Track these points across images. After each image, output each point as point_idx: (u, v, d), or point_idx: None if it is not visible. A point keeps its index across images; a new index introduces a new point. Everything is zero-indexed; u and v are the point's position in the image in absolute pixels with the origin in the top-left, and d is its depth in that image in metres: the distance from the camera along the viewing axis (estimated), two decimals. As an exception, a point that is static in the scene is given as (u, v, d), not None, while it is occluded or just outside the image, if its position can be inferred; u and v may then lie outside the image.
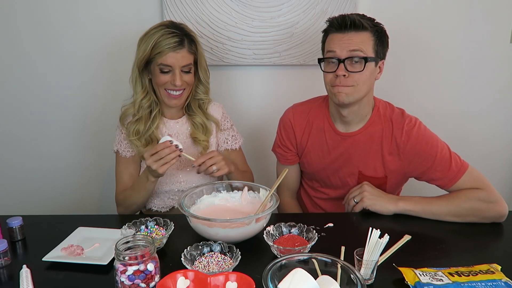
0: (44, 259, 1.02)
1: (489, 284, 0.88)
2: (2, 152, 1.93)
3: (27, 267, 0.96)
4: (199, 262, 0.97)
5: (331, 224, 1.21)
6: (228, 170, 1.33)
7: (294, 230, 1.09)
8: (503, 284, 0.88)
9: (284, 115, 1.48)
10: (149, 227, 1.13)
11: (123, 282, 0.85)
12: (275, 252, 1.03)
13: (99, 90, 1.85)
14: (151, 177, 1.29)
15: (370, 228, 0.95)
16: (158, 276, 0.88)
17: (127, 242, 0.88)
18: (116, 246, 0.86)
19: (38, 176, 1.96)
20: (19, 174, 1.96)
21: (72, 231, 1.15)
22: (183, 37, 1.34)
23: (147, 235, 1.07)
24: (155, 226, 1.13)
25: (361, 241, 0.95)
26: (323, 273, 0.87)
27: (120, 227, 1.11)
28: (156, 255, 0.89)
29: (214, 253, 1.00)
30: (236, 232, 1.06)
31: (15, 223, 1.14)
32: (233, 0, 1.72)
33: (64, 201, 1.99)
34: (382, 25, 1.29)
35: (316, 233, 1.06)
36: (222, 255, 0.99)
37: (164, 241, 1.09)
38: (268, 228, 1.08)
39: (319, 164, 1.43)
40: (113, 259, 0.86)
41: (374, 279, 0.93)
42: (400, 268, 0.95)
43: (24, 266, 0.96)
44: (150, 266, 0.86)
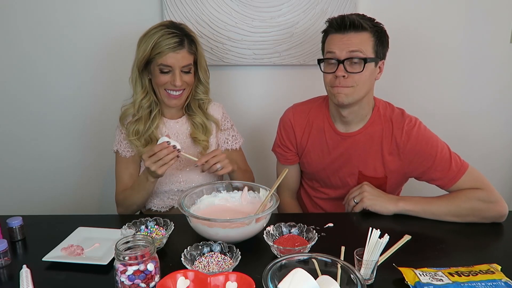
0: (44, 259, 1.02)
1: (489, 284, 0.88)
2: (2, 152, 1.93)
3: (27, 267, 0.96)
4: (199, 262, 0.97)
5: (331, 224, 1.21)
6: (232, 168, 1.33)
7: (294, 230, 1.09)
8: (503, 284, 0.88)
9: (284, 115, 1.48)
10: (149, 227, 1.13)
11: (123, 282, 0.85)
12: (275, 252, 1.03)
13: (99, 90, 1.85)
14: (150, 178, 1.30)
15: (370, 228, 0.95)
16: (158, 276, 0.88)
17: (127, 242, 0.88)
18: (116, 246, 0.86)
19: (38, 176, 1.96)
20: (19, 174, 1.96)
21: (72, 231, 1.16)
22: (183, 37, 1.33)
23: (147, 235, 1.07)
24: (155, 226, 1.13)
25: (361, 241, 0.95)
26: (323, 273, 0.87)
27: (120, 227, 1.11)
28: (156, 255, 0.89)
29: (214, 253, 1.00)
30: (236, 232, 1.06)
31: (15, 223, 1.14)
32: (233, 0, 1.72)
33: (64, 201, 1.99)
34: (382, 25, 1.28)
35: (316, 233, 1.06)
36: (222, 255, 0.99)
37: (164, 241, 1.09)
38: (268, 228, 1.08)
39: (319, 164, 1.43)
40: (113, 259, 0.86)
41: (374, 279, 0.93)
42: (400, 268, 0.95)
43: (24, 266, 0.96)
44: (150, 266, 0.86)
